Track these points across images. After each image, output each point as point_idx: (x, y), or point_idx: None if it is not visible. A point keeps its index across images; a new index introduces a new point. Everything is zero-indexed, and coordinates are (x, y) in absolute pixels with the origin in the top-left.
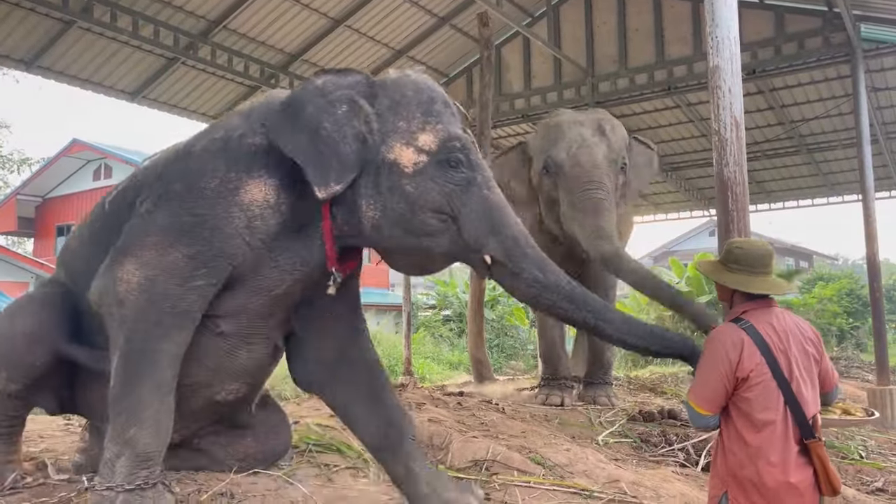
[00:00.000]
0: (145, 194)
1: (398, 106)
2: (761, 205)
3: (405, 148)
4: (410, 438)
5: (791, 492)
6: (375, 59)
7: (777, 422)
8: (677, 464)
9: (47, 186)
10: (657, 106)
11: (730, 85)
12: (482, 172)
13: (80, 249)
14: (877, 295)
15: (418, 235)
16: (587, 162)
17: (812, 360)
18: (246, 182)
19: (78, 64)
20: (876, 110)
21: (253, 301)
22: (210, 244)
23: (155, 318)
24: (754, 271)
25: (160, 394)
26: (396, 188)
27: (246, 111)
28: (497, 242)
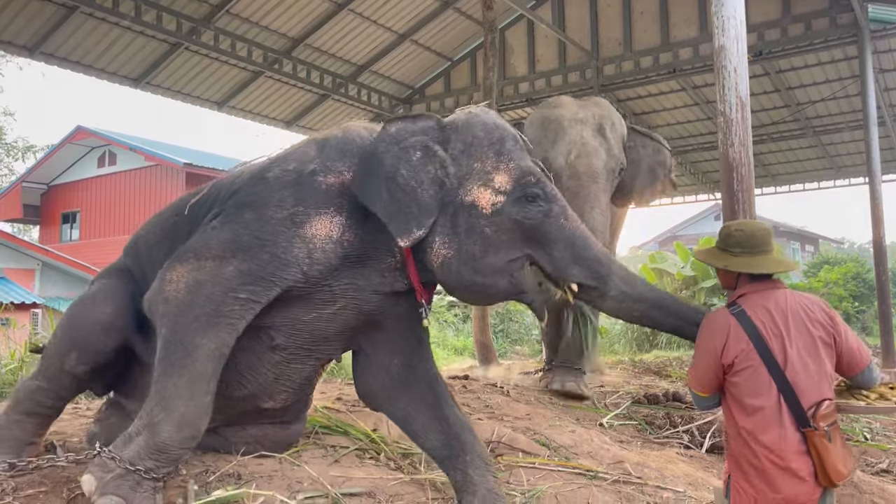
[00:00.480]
0: (217, 209)
1: (471, 148)
2: (767, 188)
3: (483, 190)
4: (475, 450)
5: (790, 478)
6: (379, 43)
7: (768, 408)
8: (682, 445)
9: (52, 174)
10: (662, 89)
11: (735, 65)
12: (558, 203)
13: (150, 243)
14: (883, 278)
15: (487, 275)
16: (585, 173)
17: (819, 342)
18: (312, 217)
19: (81, 50)
20: (883, 92)
21: (305, 317)
22: (265, 267)
23: (195, 314)
24: (755, 252)
25: (195, 389)
26: (474, 229)
27: (320, 142)
28: (581, 269)
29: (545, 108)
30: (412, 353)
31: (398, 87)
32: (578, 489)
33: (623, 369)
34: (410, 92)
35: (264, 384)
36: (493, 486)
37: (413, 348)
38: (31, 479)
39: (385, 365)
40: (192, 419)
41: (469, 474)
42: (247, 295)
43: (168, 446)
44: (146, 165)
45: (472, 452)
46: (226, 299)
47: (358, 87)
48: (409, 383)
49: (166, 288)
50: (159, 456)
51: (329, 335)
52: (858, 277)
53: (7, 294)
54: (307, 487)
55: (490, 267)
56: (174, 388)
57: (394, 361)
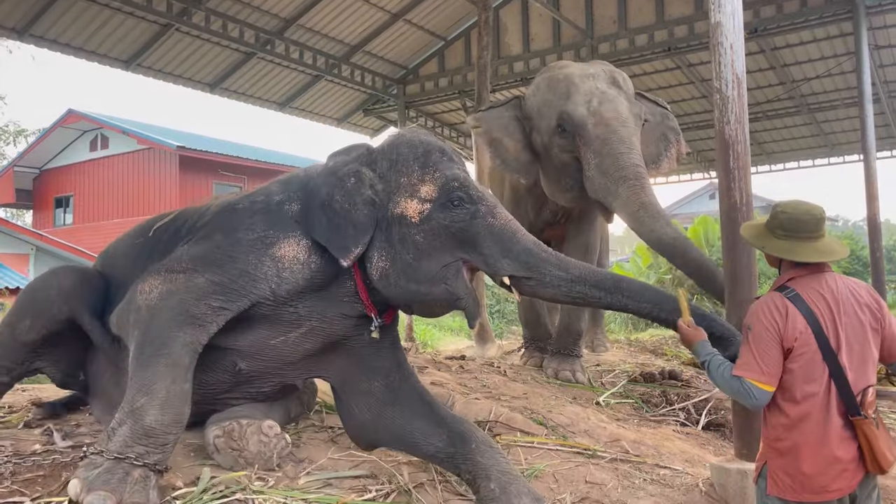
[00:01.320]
0: (188, 236)
1: (397, 164)
2: (762, 166)
3: (409, 200)
4: (477, 437)
5: (832, 466)
6: (372, 23)
7: (819, 394)
8: (678, 423)
9: (44, 158)
10: (657, 67)
11: (731, 41)
12: (484, 203)
13: (117, 258)
14: (877, 255)
15: (423, 282)
16: (613, 118)
17: (868, 328)
18: (281, 240)
19: (70, 32)
20: (878, 68)
21: (272, 340)
22: (235, 280)
23: (168, 315)
24: (801, 237)
25: (174, 372)
26: (406, 239)
27: (285, 180)
28: (511, 261)
29: (549, 71)
30: (391, 373)
31: (392, 68)
32: (576, 467)
33: (619, 348)
34: (404, 72)
35: (220, 399)
36: (505, 467)
37: (391, 368)
38: (29, 465)
39: (366, 390)
40: (176, 402)
41: (478, 461)
42: (218, 304)
43: (155, 430)
44: (139, 149)
45: (475, 440)
46: (198, 304)
47: (351, 67)
48: (397, 400)
49: (138, 298)
50: (147, 441)
51: (295, 360)
52: (853, 255)
53: (1, 279)
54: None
55: (425, 274)
56: (153, 374)
57: (374, 384)
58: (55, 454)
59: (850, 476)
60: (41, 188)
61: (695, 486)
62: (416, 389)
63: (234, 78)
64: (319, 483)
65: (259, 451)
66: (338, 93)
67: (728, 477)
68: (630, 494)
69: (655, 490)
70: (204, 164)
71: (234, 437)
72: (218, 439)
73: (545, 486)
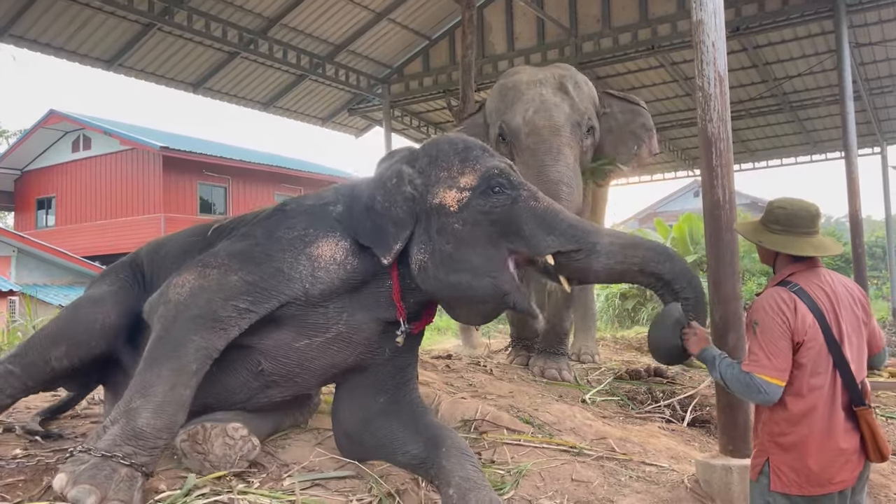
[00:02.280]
0: (235, 233)
1: (437, 160)
2: (745, 164)
3: (448, 191)
4: (450, 442)
5: (837, 458)
6: (356, 22)
7: (825, 387)
8: (663, 420)
9: (26, 159)
10: (641, 66)
11: (713, 39)
12: (526, 188)
13: (169, 255)
14: (859, 251)
15: (459, 273)
16: (545, 127)
17: (861, 322)
18: (320, 239)
19: (51, 32)
20: (859, 66)
21: (297, 343)
22: (268, 279)
23: (192, 314)
24: (796, 231)
25: (177, 380)
26: (445, 228)
27: (340, 185)
28: (557, 236)
29: (503, 78)
30: (398, 389)
31: (377, 67)
32: (562, 465)
33: (605, 346)
34: (389, 71)
35: (235, 402)
36: (469, 474)
37: (400, 384)
38: (10, 469)
39: (367, 404)
40: (170, 409)
41: (443, 465)
42: (246, 305)
43: (145, 432)
44: (122, 149)
45: (446, 444)
46: (225, 305)
47: (336, 66)
48: (390, 412)
49: (170, 291)
50: (136, 442)
51: (316, 367)
52: None
53: None
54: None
55: (465, 265)
56: (156, 377)
57: (378, 400)
58: (37, 458)
59: (853, 467)
60: (23, 189)
61: (680, 483)
62: (412, 403)
63: (218, 78)
64: (305, 484)
65: (224, 454)
66: (322, 92)
67: (713, 473)
68: (616, 492)
69: (641, 487)
70: (188, 164)
71: (198, 440)
72: (184, 443)
73: (531, 484)
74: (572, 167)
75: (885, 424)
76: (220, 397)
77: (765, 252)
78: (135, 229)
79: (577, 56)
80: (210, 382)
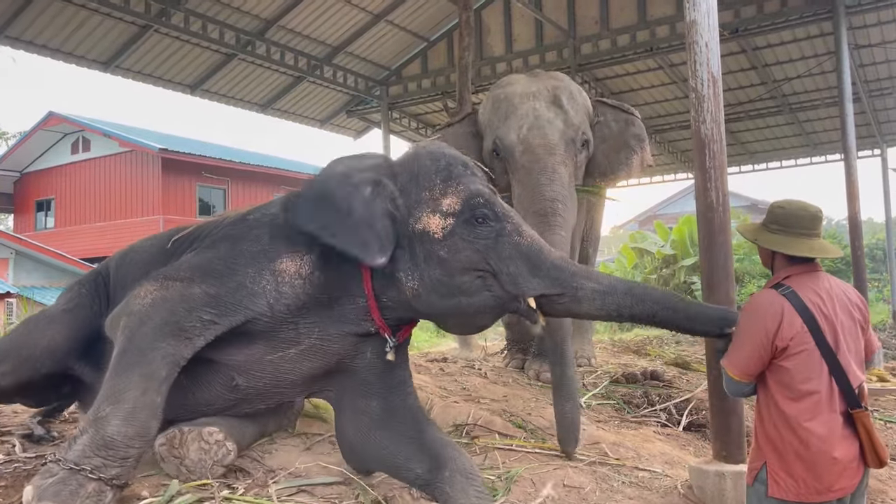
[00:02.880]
0: (197, 244)
1: (418, 178)
2: (745, 166)
3: (432, 215)
4: (455, 465)
5: (835, 465)
6: (354, 24)
7: (821, 392)
8: (659, 424)
9: (25, 161)
10: (639, 67)
11: (707, 40)
12: (510, 220)
13: (132, 264)
14: (858, 254)
15: (457, 296)
16: (540, 146)
17: (858, 326)
18: (283, 253)
19: (47, 33)
20: (858, 68)
21: (270, 356)
22: (232, 294)
23: (155, 323)
24: (794, 232)
25: (147, 386)
26: (431, 255)
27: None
28: (541, 279)
29: (496, 88)
30: (392, 393)
31: (374, 69)
32: (554, 470)
33: (602, 349)
34: (387, 73)
35: (213, 415)
36: (472, 502)
37: (391, 388)
38: None
39: (363, 409)
40: (142, 416)
41: (446, 491)
42: (210, 317)
43: (115, 441)
44: (121, 151)
45: (450, 468)
46: (189, 316)
47: (333, 68)
48: (390, 422)
49: (132, 302)
50: (106, 452)
51: (293, 378)
52: None
53: None
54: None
55: (459, 286)
56: (125, 382)
57: (372, 405)
58: (17, 464)
59: (853, 474)
60: (22, 191)
61: (673, 489)
62: (412, 411)
63: (215, 79)
64: (291, 490)
65: (200, 459)
66: (320, 94)
67: (706, 479)
68: (608, 498)
69: (634, 493)
70: (187, 166)
71: (175, 444)
72: (161, 447)
73: (522, 490)
74: (567, 185)
75: (884, 429)
76: (198, 412)
77: (764, 253)
78: (134, 231)
79: (575, 58)
80: (184, 397)
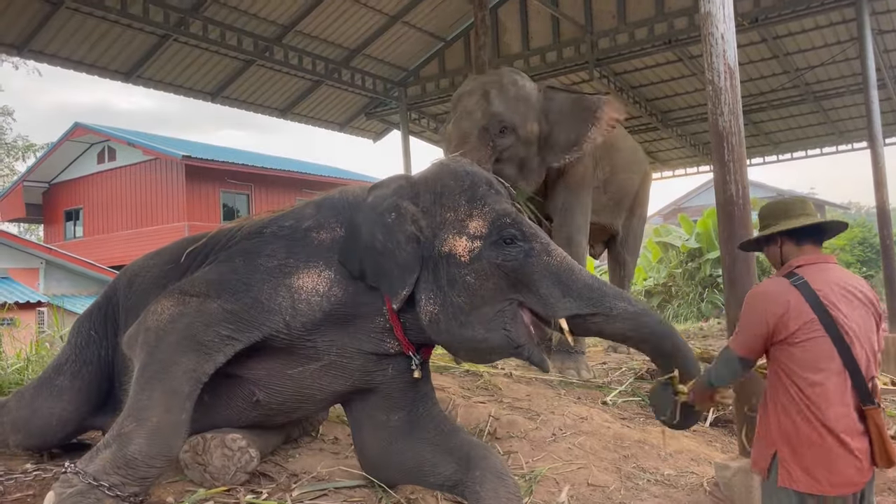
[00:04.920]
0: (213, 257)
1: (441, 198)
2: (769, 156)
3: (458, 237)
4: (486, 465)
5: (846, 458)
6: (371, 26)
7: (832, 384)
8: None
9: (53, 172)
10: (659, 60)
11: (722, 31)
12: (538, 240)
13: (145, 286)
14: (887, 242)
15: (474, 328)
16: (456, 136)
17: (874, 321)
18: (301, 269)
19: (69, 46)
20: (883, 53)
21: (290, 370)
22: (248, 310)
23: (174, 338)
24: (791, 216)
25: (171, 403)
26: (456, 280)
27: (318, 202)
28: (573, 299)
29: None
30: (413, 406)
31: (392, 70)
32: (578, 469)
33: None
34: (405, 74)
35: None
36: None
37: (415, 401)
38: (21, 483)
39: (383, 423)
40: (166, 433)
41: (477, 491)
42: (228, 332)
43: (136, 460)
44: (145, 160)
45: (481, 467)
46: (207, 331)
47: (351, 71)
48: (412, 432)
49: (149, 318)
50: (126, 471)
51: (314, 394)
52: (865, 242)
53: (11, 293)
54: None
55: (479, 319)
56: (148, 399)
57: (393, 418)
58: (47, 474)
59: (863, 472)
60: (51, 202)
61: (699, 486)
62: (435, 420)
63: (235, 86)
64: (314, 494)
65: (223, 465)
66: (339, 97)
67: (733, 476)
68: (633, 496)
69: (659, 491)
70: (210, 172)
71: (198, 451)
72: (185, 454)
73: (546, 490)
74: None
75: None
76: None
77: (772, 253)
78: (160, 239)
79: (593, 53)
80: (207, 414)
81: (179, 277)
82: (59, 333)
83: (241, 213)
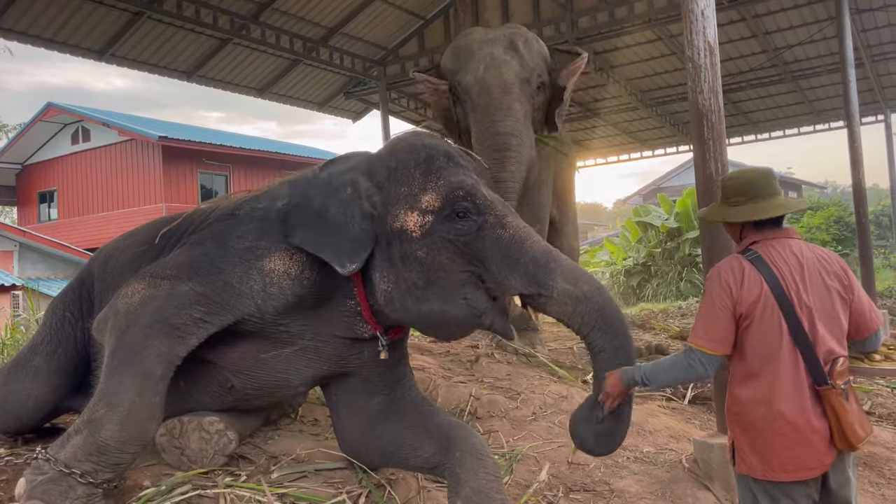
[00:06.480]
0: (186, 239)
1: (397, 172)
2: (747, 136)
3: (409, 213)
4: (465, 446)
5: (801, 443)
6: (349, 4)
7: (784, 364)
8: (664, 398)
9: (26, 153)
10: (638, 39)
11: (703, 7)
12: (492, 212)
13: (119, 267)
14: (863, 220)
15: (430, 302)
16: (496, 85)
17: (836, 297)
18: (272, 252)
19: (40, 23)
20: (860, 33)
21: (264, 354)
22: (219, 293)
23: (146, 321)
24: (758, 196)
25: (143, 386)
26: (408, 256)
27: (292, 181)
28: (519, 276)
29: (459, 39)
30: (391, 389)
31: (371, 49)
32: (558, 448)
33: None
34: (384, 53)
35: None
36: (482, 485)
37: (392, 385)
38: None
39: (362, 407)
40: (139, 418)
41: (456, 472)
42: (200, 315)
43: (108, 446)
44: (121, 140)
45: (461, 448)
46: (179, 314)
47: (330, 50)
48: (390, 416)
49: (119, 302)
50: (98, 458)
51: (290, 377)
52: (841, 221)
53: None
54: (282, 463)
55: (436, 293)
56: (119, 384)
57: (372, 402)
58: (19, 459)
59: (822, 454)
60: (24, 184)
61: (678, 463)
62: (414, 402)
63: (211, 65)
64: (294, 476)
65: (201, 449)
66: (318, 76)
67: (711, 452)
68: (613, 474)
69: (639, 468)
70: (187, 153)
71: (175, 434)
72: (161, 438)
73: (527, 468)
74: (522, 122)
75: (893, 396)
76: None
77: (732, 230)
78: (136, 220)
79: (573, 31)
80: (183, 399)
81: (154, 258)
82: (35, 317)
83: (220, 194)
